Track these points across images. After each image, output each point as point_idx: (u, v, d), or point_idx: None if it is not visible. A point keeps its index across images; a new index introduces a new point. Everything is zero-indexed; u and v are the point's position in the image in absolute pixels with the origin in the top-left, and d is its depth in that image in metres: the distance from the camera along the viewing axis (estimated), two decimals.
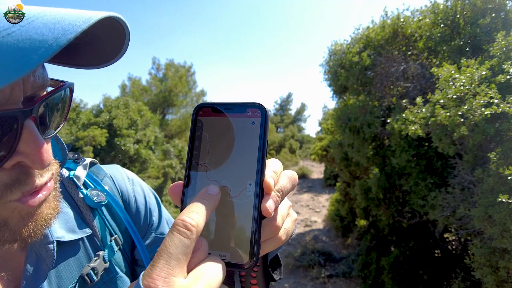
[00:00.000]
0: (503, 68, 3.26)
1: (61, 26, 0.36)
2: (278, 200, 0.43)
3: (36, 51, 0.33)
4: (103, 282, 0.65)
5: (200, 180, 0.44)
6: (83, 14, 0.39)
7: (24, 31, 0.35)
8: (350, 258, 7.65)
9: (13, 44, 0.33)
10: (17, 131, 0.41)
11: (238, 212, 0.42)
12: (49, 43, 0.34)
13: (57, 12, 0.39)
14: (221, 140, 0.44)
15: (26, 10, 0.39)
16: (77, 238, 0.64)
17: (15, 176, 0.44)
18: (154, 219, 0.79)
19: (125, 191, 0.77)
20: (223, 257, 0.41)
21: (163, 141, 11.45)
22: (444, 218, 3.80)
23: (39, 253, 0.59)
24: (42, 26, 0.35)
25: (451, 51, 4.40)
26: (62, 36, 0.35)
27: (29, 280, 0.56)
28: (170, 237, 0.35)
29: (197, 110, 0.46)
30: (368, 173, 6.56)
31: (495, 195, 2.92)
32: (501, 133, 3.22)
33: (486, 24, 4.09)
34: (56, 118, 0.52)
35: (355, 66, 5.86)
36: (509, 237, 2.81)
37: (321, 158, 10.48)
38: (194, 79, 17.84)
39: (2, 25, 0.35)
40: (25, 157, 0.43)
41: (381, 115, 5.21)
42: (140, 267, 0.75)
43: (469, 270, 3.69)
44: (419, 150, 4.42)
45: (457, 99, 3.34)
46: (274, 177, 0.43)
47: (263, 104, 0.43)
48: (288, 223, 0.48)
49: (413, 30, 5.41)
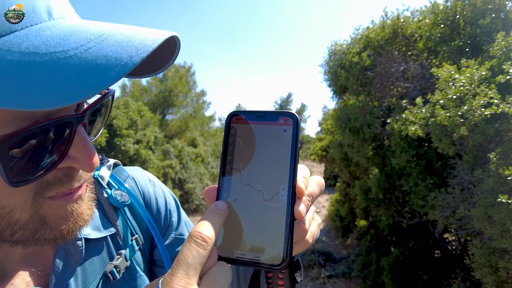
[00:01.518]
0: (503, 69, 3.26)
1: (132, 45, 0.39)
2: (309, 204, 0.45)
3: (113, 68, 0.36)
4: (124, 280, 0.67)
5: (234, 184, 0.46)
6: (148, 33, 0.42)
7: (100, 48, 0.37)
8: (350, 258, 7.65)
9: (91, 60, 0.36)
10: (70, 137, 0.44)
11: (271, 215, 0.44)
12: (124, 61, 0.37)
13: (124, 30, 0.42)
14: (254, 146, 0.46)
15: (96, 26, 0.41)
16: (102, 236, 0.67)
17: (58, 176, 0.46)
18: (174, 220, 0.82)
19: (147, 192, 0.79)
20: (257, 258, 0.43)
21: (163, 141, 11.46)
22: (444, 218, 3.80)
23: (68, 250, 0.61)
24: (116, 44, 0.38)
25: (451, 51, 4.40)
26: (136, 55, 0.38)
27: (58, 275, 0.58)
28: (188, 248, 0.38)
29: (230, 117, 0.48)
30: (368, 174, 6.57)
31: (495, 196, 2.93)
32: (501, 134, 3.22)
33: (486, 24, 4.09)
34: (98, 124, 0.55)
35: (355, 67, 5.87)
36: (509, 238, 2.81)
37: (321, 159, 10.48)
38: (194, 79, 17.86)
39: (78, 40, 0.38)
40: (75, 162, 0.46)
41: (381, 115, 5.22)
42: (158, 267, 0.77)
43: (469, 270, 3.69)
44: (419, 151, 4.42)
45: (457, 100, 3.34)
46: (305, 182, 0.46)
47: (295, 113, 0.45)
48: (314, 227, 0.50)
49: (413, 30, 5.41)
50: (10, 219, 0.44)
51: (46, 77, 0.34)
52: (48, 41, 0.37)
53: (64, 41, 0.38)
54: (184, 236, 0.82)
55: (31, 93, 0.33)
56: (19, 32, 0.38)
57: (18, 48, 0.36)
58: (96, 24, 0.43)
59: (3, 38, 0.37)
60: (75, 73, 0.35)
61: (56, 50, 0.36)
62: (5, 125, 0.38)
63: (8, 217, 0.44)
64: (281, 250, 0.42)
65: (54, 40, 0.37)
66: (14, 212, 0.44)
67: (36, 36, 0.38)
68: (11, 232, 0.45)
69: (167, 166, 10.61)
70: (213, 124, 26.20)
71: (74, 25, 0.41)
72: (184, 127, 15.86)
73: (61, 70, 0.35)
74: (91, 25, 0.42)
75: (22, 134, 0.39)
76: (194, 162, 12.23)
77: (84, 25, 0.42)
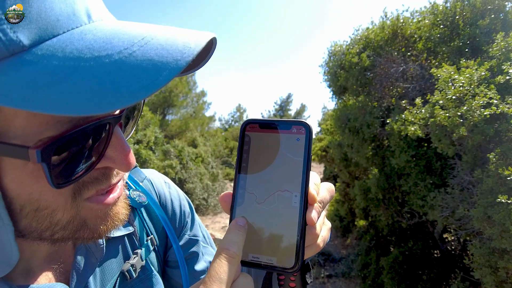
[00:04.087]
0: (502, 69, 3.27)
1: (177, 48, 0.38)
2: (320, 211, 0.47)
3: (160, 73, 0.35)
4: (139, 279, 0.69)
5: (248, 190, 0.48)
6: (189, 34, 0.42)
7: (144, 52, 0.37)
8: (349, 258, 7.65)
9: (136, 64, 0.36)
10: (108, 137, 0.45)
11: (284, 220, 0.45)
12: (171, 65, 0.36)
13: (164, 32, 0.41)
14: (268, 154, 0.47)
15: (136, 28, 0.41)
16: (120, 236, 0.68)
17: (95, 175, 0.47)
18: (188, 221, 0.84)
19: (163, 194, 0.81)
20: (270, 261, 0.45)
21: (163, 142, 11.46)
22: (443, 218, 3.81)
23: (89, 248, 0.62)
24: (160, 48, 0.38)
25: (450, 52, 4.41)
26: (181, 59, 0.37)
27: (79, 272, 0.59)
28: (219, 264, 0.40)
29: (245, 125, 0.49)
30: (368, 174, 6.57)
31: (494, 196, 2.93)
32: (500, 134, 3.23)
33: (485, 25, 4.10)
34: (131, 124, 0.55)
35: (355, 67, 5.87)
36: (508, 238, 2.81)
37: (320, 159, 10.49)
38: (194, 79, 17.88)
39: (122, 43, 0.38)
40: (112, 162, 0.46)
41: (380, 115, 5.22)
42: (171, 268, 0.79)
43: (468, 270, 3.70)
44: (418, 151, 4.42)
45: (456, 100, 3.35)
46: (317, 189, 0.47)
47: (308, 123, 0.46)
48: (324, 231, 0.51)
49: (413, 31, 5.42)
50: (52, 219, 0.45)
51: (92, 82, 0.34)
52: (92, 45, 0.37)
53: (107, 44, 0.38)
54: (198, 237, 0.85)
55: (80, 98, 0.33)
56: (61, 36, 0.38)
57: (62, 53, 0.36)
58: (135, 25, 0.43)
59: (47, 42, 0.37)
60: (121, 78, 0.35)
61: (100, 55, 0.36)
62: (48, 128, 0.39)
63: (51, 217, 0.45)
64: (294, 254, 0.44)
65: (98, 44, 0.38)
66: (56, 213, 0.45)
67: (79, 40, 0.38)
68: (51, 233, 0.46)
69: (167, 166, 10.61)
70: (213, 125, 26.18)
71: (114, 28, 0.41)
72: (184, 127, 15.87)
73: (107, 75, 0.35)
74: (131, 26, 0.42)
75: (66, 137, 0.40)
76: (194, 162, 12.23)
77: (124, 27, 0.42)
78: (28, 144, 0.39)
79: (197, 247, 0.82)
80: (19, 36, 0.35)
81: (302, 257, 0.44)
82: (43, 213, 0.44)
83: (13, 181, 0.41)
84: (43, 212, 0.44)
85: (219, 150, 18.62)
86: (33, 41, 0.36)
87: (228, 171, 15.69)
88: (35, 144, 0.39)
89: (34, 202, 0.43)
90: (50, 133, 0.39)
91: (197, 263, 0.80)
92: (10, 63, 0.35)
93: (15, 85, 0.34)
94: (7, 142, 0.38)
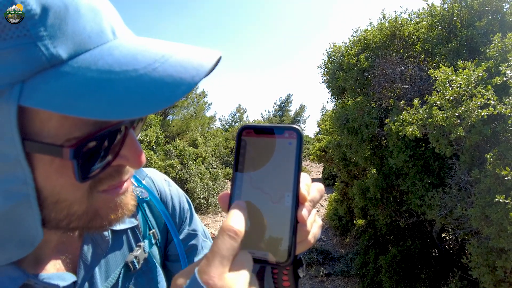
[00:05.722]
0: (500, 70, 3.30)
1: (192, 65, 0.44)
2: (311, 209, 0.51)
3: (179, 87, 0.42)
4: (142, 271, 0.73)
5: (245, 189, 0.52)
6: (201, 53, 0.48)
7: (165, 68, 0.43)
8: (348, 257, 7.68)
9: (159, 79, 0.42)
10: (123, 138, 0.50)
11: (278, 217, 0.49)
12: (188, 81, 0.42)
13: (181, 49, 0.47)
14: (263, 157, 0.51)
15: (156, 46, 0.47)
16: (125, 228, 0.72)
17: (109, 172, 0.52)
18: (187, 216, 0.89)
19: (163, 191, 0.86)
20: (264, 256, 0.48)
21: (164, 142, 11.49)
22: (441, 217, 3.83)
23: (95, 239, 0.66)
24: (177, 65, 0.44)
25: (448, 53, 4.44)
26: (196, 75, 0.43)
27: (86, 263, 0.63)
28: (221, 241, 0.42)
29: (241, 131, 0.53)
30: (366, 173, 6.61)
31: (492, 195, 2.96)
32: (497, 134, 3.26)
33: (482, 26, 4.13)
34: (139, 126, 0.60)
35: (353, 68, 5.91)
36: (506, 237, 2.84)
37: (319, 159, 10.53)
38: None
39: (145, 60, 0.44)
40: (125, 160, 0.52)
41: (378, 116, 5.25)
42: (171, 261, 0.84)
43: (466, 269, 3.72)
44: (416, 151, 4.45)
45: (454, 101, 3.38)
46: (307, 189, 0.51)
47: (298, 128, 0.50)
48: (315, 228, 0.55)
49: (411, 32, 5.45)
50: (69, 210, 0.50)
51: (123, 92, 0.40)
52: (119, 60, 0.43)
53: (133, 60, 0.43)
54: (197, 231, 0.90)
55: (113, 105, 0.39)
56: (93, 50, 0.44)
57: (95, 66, 0.42)
58: (153, 42, 0.49)
59: (81, 56, 0.43)
60: (148, 90, 0.41)
61: (128, 69, 0.42)
62: (78, 129, 0.44)
63: (68, 209, 0.50)
64: (286, 249, 0.47)
65: (125, 59, 0.43)
66: (74, 205, 0.50)
67: (109, 55, 0.43)
68: (67, 222, 0.51)
69: (168, 166, 10.64)
70: (214, 125, 26.21)
71: (137, 45, 0.47)
72: (185, 127, 15.89)
73: (136, 87, 0.41)
74: (151, 44, 0.48)
75: (93, 138, 0.45)
76: (195, 162, 12.24)
77: (145, 44, 0.48)
78: (58, 143, 0.44)
79: (196, 241, 0.87)
80: (58, 51, 0.41)
81: (294, 252, 0.47)
82: (62, 205, 0.49)
83: (41, 175, 0.46)
84: (62, 204, 0.49)
85: (220, 150, 18.63)
86: (69, 55, 0.42)
87: (229, 171, 15.70)
88: (67, 143, 0.44)
89: (55, 194, 0.48)
90: (77, 133, 0.44)
91: (196, 256, 0.86)
92: (51, 74, 0.40)
93: (56, 93, 0.39)
94: (41, 141, 0.43)
